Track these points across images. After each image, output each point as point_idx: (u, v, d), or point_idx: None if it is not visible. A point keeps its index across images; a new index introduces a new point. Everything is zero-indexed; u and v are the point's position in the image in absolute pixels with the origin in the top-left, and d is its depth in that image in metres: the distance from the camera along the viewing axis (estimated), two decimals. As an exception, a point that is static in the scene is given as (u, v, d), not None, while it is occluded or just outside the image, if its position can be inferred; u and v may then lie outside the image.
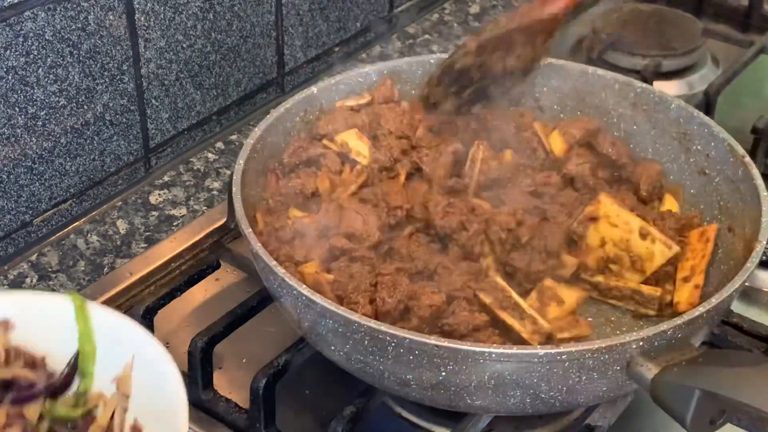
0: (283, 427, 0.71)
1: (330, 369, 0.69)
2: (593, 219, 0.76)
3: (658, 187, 0.82)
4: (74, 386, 0.64)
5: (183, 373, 0.73)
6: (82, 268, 0.87)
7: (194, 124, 1.02)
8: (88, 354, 0.64)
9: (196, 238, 0.88)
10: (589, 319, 0.75)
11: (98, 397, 0.63)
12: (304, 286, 0.64)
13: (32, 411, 0.61)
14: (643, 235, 0.74)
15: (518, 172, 0.82)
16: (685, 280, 0.74)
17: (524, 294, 0.72)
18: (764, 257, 0.71)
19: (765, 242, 0.70)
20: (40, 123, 0.85)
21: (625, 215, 0.75)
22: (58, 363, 0.64)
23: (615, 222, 0.75)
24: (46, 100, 0.85)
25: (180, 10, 0.95)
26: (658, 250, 0.74)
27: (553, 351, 0.60)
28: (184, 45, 0.97)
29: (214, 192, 0.97)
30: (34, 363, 0.64)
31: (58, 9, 0.83)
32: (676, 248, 0.74)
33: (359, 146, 0.82)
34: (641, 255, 0.74)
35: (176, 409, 0.59)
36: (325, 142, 0.83)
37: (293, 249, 0.73)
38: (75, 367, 0.64)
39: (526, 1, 0.82)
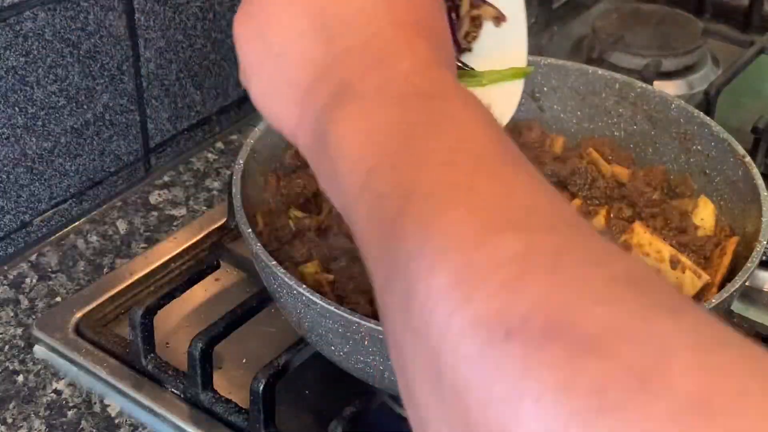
0: (283, 427, 0.71)
1: (330, 369, 0.69)
2: (626, 249, 0.74)
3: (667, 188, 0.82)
4: None
5: (182, 373, 0.74)
6: (82, 268, 0.87)
7: (194, 124, 1.02)
8: None
9: (196, 238, 0.88)
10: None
11: None
12: (304, 286, 0.64)
13: None
14: (674, 264, 0.72)
15: None
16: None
17: None
18: (764, 257, 0.71)
19: (765, 242, 0.70)
20: (40, 123, 0.85)
21: (658, 243, 0.73)
22: None
23: (647, 251, 0.73)
24: (46, 100, 0.85)
25: (180, 10, 0.95)
26: (688, 280, 0.71)
27: (553, 351, 0.60)
28: (184, 45, 0.97)
29: (214, 192, 0.97)
30: None
31: (58, 9, 0.83)
32: (706, 277, 0.71)
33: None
34: None
35: None
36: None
37: (293, 249, 0.73)
38: None
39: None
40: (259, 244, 0.67)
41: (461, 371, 0.31)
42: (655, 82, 1.03)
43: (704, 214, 0.79)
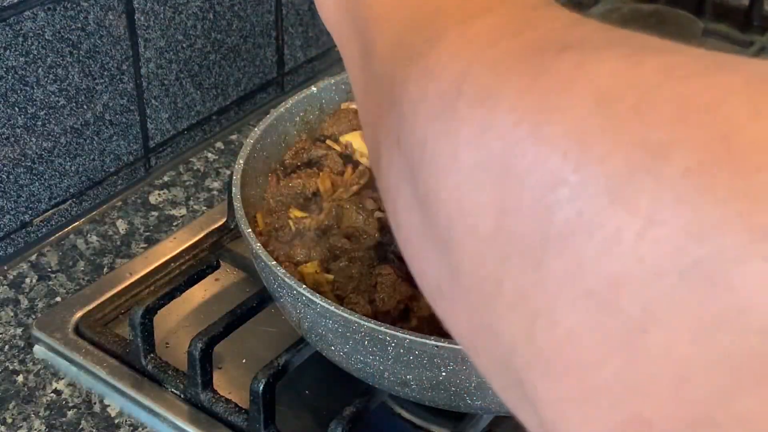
0: (282, 428, 0.71)
1: (330, 369, 0.69)
2: None
3: None
4: None
5: (182, 373, 0.74)
6: (82, 268, 0.87)
7: (194, 124, 1.02)
8: None
9: (196, 238, 0.88)
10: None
11: None
12: (304, 286, 0.64)
13: None
14: None
15: None
16: None
17: None
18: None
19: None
20: (40, 123, 0.85)
21: None
22: None
23: None
24: (46, 100, 0.85)
25: (180, 10, 0.95)
26: None
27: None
28: (184, 45, 0.97)
29: (214, 192, 0.97)
30: None
31: (58, 9, 0.83)
32: None
33: (363, 147, 0.82)
34: None
35: None
36: (328, 142, 0.83)
37: (293, 249, 0.73)
38: None
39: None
40: (259, 244, 0.67)
41: (496, 78, 0.27)
42: (655, 82, 1.03)
43: None
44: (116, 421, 0.73)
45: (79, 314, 0.80)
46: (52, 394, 0.75)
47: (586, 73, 0.25)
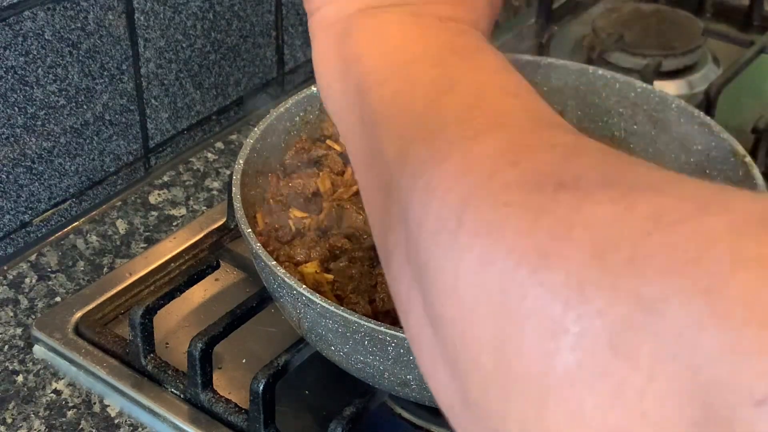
0: (282, 428, 0.71)
1: (330, 369, 0.69)
2: None
3: None
4: None
5: (182, 373, 0.74)
6: (82, 268, 0.87)
7: (194, 124, 1.02)
8: None
9: (196, 238, 0.88)
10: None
11: None
12: (304, 286, 0.64)
13: None
14: None
15: None
16: None
17: None
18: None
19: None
20: (40, 123, 0.85)
21: None
22: None
23: None
24: (46, 100, 0.85)
25: (180, 9, 0.95)
26: None
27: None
28: (184, 45, 0.97)
29: (214, 192, 0.97)
30: None
31: (58, 9, 0.83)
32: None
33: (361, 146, 0.82)
34: None
35: None
36: (328, 142, 0.83)
37: (293, 249, 0.73)
38: None
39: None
40: (259, 244, 0.67)
41: (496, 213, 0.28)
42: (656, 82, 1.03)
43: None
44: (116, 421, 0.73)
45: (78, 314, 0.80)
46: (51, 394, 0.75)
47: (583, 218, 0.26)
